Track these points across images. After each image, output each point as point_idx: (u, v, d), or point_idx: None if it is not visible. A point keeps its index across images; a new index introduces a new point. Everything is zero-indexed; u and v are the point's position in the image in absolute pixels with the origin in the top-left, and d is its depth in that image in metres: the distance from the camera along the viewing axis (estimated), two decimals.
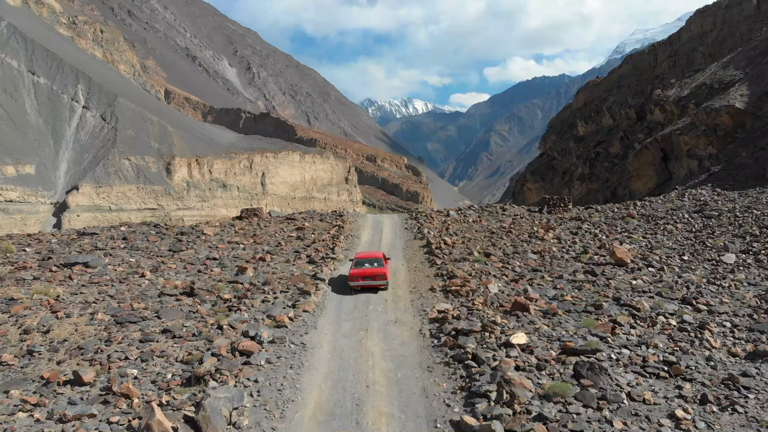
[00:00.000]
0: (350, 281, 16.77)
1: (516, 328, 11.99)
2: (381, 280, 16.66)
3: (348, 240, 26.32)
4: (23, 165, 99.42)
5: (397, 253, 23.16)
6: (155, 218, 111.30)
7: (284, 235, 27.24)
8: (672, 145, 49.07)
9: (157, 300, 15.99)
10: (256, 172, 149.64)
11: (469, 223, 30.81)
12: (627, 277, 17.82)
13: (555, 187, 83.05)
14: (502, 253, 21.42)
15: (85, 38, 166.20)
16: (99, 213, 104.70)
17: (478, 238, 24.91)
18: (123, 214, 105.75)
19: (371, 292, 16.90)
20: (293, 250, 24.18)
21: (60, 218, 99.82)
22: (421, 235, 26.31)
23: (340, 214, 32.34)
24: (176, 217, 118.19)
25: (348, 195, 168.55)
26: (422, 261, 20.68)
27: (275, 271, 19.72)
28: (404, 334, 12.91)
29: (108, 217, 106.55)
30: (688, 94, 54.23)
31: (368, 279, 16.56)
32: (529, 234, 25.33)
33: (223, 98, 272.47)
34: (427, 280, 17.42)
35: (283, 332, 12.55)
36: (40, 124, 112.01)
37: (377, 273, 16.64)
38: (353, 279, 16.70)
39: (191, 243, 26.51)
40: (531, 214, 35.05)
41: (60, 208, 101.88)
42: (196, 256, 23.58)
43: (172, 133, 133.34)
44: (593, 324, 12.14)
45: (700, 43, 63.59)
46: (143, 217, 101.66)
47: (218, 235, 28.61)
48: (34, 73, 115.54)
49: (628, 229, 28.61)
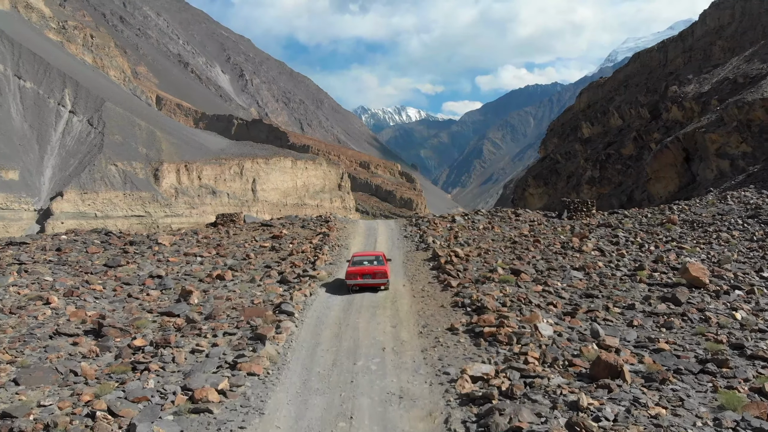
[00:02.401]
0: (347, 280, 14.76)
1: (624, 422, 6.57)
2: (381, 278, 14.68)
3: (334, 251, 21.15)
4: (7, 171, 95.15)
5: (396, 268, 18.06)
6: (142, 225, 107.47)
7: (255, 246, 22.05)
8: (696, 144, 44.41)
9: (44, 344, 10.76)
10: (246, 178, 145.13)
11: (480, 230, 25.77)
12: (719, 304, 12.79)
13: (559, 191, 78.35)
14: (534, 269, 16.36)
15: (74, 43, 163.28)
16: (84, 220, 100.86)
17: (496, 249, 19.84)
18: (109, 221, 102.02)
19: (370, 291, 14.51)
20: (263, 265, 19.01)
21: (44, 225, 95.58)
22: (425, 245, 21.21)
23: (326, 220, 27.12)
24: (164, 225, 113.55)
25: (341, 202, 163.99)
26: (430, 281, 15.56)
27: (231, 295, 14.54)
28: (418, 428, 7.54)
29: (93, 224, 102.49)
30: (710, 89, 49.76)
31: (367, 277, 14.53)
32: (562, 244, 20.28)
33: (216, 105, 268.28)
34: (442, 312, 12.25)
35: (200, 428, 7.24)
36: (25, 129, 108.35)
37: (377, 271, 14.69)
38: (350, 277, 14.68)
39: (138, 255, 21.30)
40: (549, 219, 30.04)
41: (44, 214, 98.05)
42: (135, 274, 18.37)
43: (160, 139, 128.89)
44: (738, 402, 7.04)
45: (718, 36, 59.35)
46: (130, 225, 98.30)
47: (175, 245, 23.40)
48: (21, 78, 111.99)
49: (673, 237, 23.68)
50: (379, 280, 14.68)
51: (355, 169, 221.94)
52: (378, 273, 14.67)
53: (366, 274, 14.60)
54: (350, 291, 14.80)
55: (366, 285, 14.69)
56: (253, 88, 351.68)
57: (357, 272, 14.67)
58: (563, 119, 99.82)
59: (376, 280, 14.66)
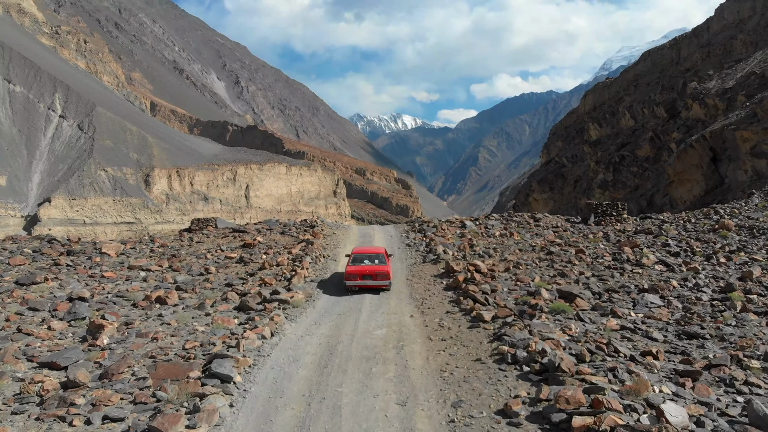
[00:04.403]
0: (347, 280, 13.77)
1: None
2: (383, 280, 13.60)
3: (318, 264, 16.62)
4: None
5: (399, 287, 13.62)
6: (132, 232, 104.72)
7: (220, 257, 17.50)
8: (724, 143, 40.29)
9: None
10: (239, 184, 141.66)
11: (497, 237, 21.37)
12: None
13: (566, 196, 74.26)
14: (590, 291, 11.89)
15: (68, 48, 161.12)
16: (72, 227, 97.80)
17: (528, 261, 15.37)
18: (98, 227, 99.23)
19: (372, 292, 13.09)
20: (224, 283, 14.49)
21: (31, 232, 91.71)
22: (434, 256, 16.70)
23: (311, 225, 22.50)
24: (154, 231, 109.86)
25: (336, 208, 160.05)
26: (449, 310, 11.01)
27: (160, 332, 9.99)
28: None
29: (82, 230, 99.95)
30: (735, 85, 45.75)
31: (368, 278, 13.55)
32: (613, 256, 15.81)
33: (211, 111, 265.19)
34: (480, 372, 7.51)
35: None
36: (14, 133, 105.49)
37: (379, 271, 13.62)
38: (350, 278, 13.67)
39: (69, 268, 16.75)
40: (574, 225, 25.66)
41: (31, 221, 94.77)
42: (51, 295, 13.83)
43: (152, 144, 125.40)
44: None
45: (739, 30, 55.49)
46: (119, 231, 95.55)
47: (123, 256, 18.83)
48: (10, 82, 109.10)
49: (734, 245, 19.34)
50: (380, 282, 13.54)
51: (351, 175, 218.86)
52: (380, 274, 13.54)
53: (367, 275, 13.50)
54: (348, 292, 13.71)
55: (366, 286, 13.61)
56: (248, 95, 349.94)
57: (357, 272, 13.57)
58: (567, 122, 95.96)
59: (377, 282, 13.51)
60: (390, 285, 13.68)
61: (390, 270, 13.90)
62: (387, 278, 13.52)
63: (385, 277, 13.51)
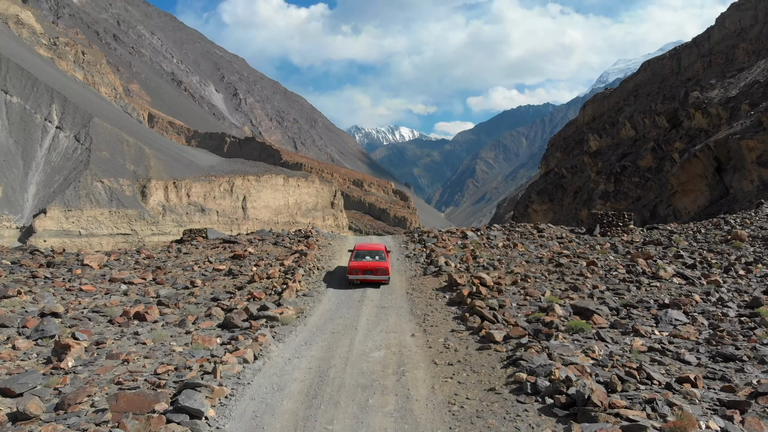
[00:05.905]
0: (349, 274, 14.84)
1: None
2: (382, 275, 14.81)
3: (312, 277, 15.62)
4: None
5: (398, 302, 12.61)
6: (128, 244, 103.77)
7: (207, 269, 16.48)
8: (729, 153, 39.58)
9: None
10: (237, 195, 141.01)
11: (500, 248, 20.43)
12: None
13: (566, 208, 73.45)
14: (606, 306, 10.91)
15: (65, 60, 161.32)
16: (68, 238, 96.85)
17: (536, 274, 14.40)
18: (94, 239, 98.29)
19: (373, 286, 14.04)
20: (209, 297, 13.47)
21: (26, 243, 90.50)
22: (435, 269, 15.73)
23: (305, 235, 21.52)
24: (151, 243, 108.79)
25: (334, 220, 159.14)
26: (454, 328, 9.99)
27: (133, 353, 8.95)
28: None
29: (77, 242, 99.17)
30: (738, 94, 45.21)
31: (369, 273, 14.76)
32: (626, 268, 14.85)
33: (209, 123, 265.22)
34: (496, 406, 6.48)
35: None
36: (10, 144, 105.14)
37: (378, 267, 14.81)
38: (353, 272, 14.80)
39: (46, 281, 15.72)
40: (579, 236, 24.73)
41: (26, 232, 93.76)
42: (23, 310, 12.78)
43: (149, 155, 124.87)
44: None
45: (741, 39, 55.17)
46: (115, 243, 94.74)
47: (106, 268, 17.80)
48: (7, 92, 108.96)
49: (750, 257, 18.43)
50: (380, 277, 14.70)
51: (349, 187, 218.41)
52: (379, 269, 14.70)
53: (368, 270, 14.66)
54: (350, 285, 14.73)
55: (367, 280, 14.71)
56: (246, 107, 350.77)
57: (360, 267, 14.72)
58: (565, 133, 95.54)
59: (377, 277, 14.67)
60: (389, 280, 14.77)
61: (389, 266, 15.02)
62: (386, 273, 14.70)
63: (384, 273, 14.67)
